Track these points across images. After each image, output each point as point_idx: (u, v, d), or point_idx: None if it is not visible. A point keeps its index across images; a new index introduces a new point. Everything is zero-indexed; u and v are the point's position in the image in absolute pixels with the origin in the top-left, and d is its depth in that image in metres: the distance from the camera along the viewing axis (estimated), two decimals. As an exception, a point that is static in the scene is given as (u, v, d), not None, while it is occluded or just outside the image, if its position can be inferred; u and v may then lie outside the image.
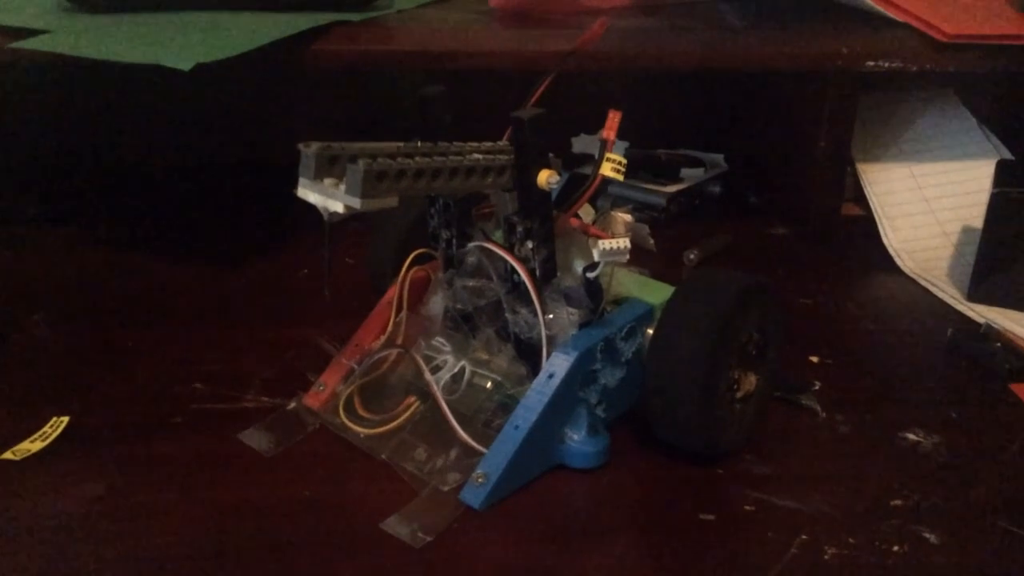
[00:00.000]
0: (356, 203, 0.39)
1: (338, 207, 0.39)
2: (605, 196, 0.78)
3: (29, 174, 0.87)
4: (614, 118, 0.48)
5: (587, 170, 0.48)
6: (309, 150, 0.40)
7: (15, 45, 0.63)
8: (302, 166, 0.40)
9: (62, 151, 0.89)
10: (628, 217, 0.53)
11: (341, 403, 0.50)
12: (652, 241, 0.55)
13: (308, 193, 0.40)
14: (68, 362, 0.57)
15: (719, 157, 0.86)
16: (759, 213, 0.83)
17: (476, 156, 0.44)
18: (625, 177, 0.49)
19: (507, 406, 0.48)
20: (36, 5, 0.72)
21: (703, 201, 0.83)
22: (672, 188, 0.81)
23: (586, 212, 0.51)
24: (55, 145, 0.89)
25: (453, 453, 0.47)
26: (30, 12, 0.70)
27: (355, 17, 0.71)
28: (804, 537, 0.44)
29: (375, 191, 0.39)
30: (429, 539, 0.43)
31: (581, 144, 0.85)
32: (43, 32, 0.64)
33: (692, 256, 0.72)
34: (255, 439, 0.50)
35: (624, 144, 0.79)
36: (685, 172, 0.83)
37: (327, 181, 0.40)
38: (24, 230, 0.77)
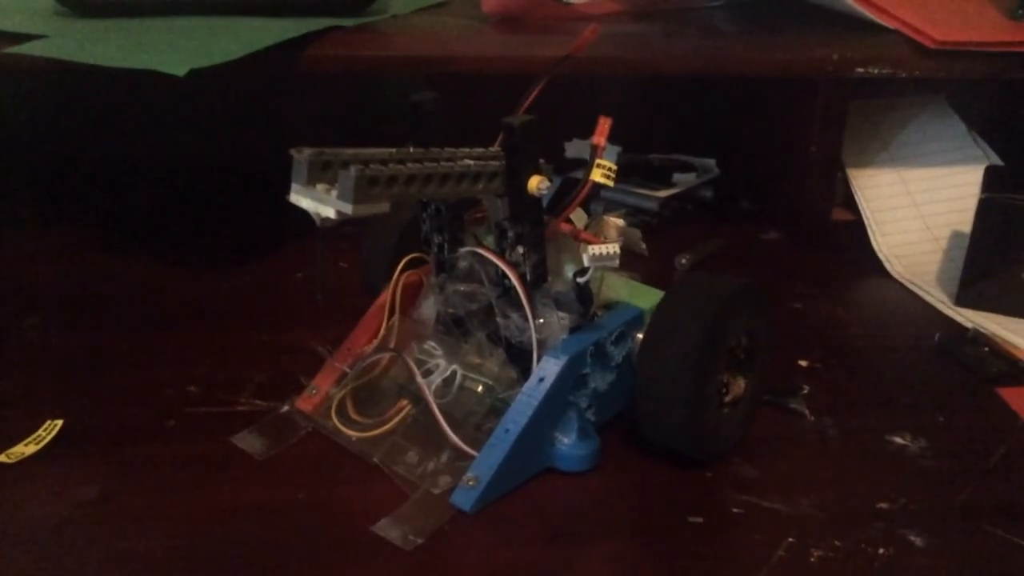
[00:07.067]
0: (348, 209, 0.39)
1: (330, 213, 0.40)
2: (598, 200, 0.79)
3: (23, 177, 0.87)
4: (604, 124, 0.49)
5: (580, 175, 0.49)
6: (302, 156, 0.40)
7: (10, 50, 0.63)
8: (295, 172, 0.40)
9: (56, 154, 0.89)
10: (620, 222, 0.53)
11: (333, 406, 0.50)
12: (644, 245, 0.56)
13: (300, 199, 0.41)
14: (62, 365, 0.57)
15: (711, 162, 0.87)
16: (751, 218, 0.83)
17: (468, 162, 0.45)
18: (617, 182, 0.50)
19: (498, 410, 0.48)
20: (31, 9, 0.72)
21: (695, 206, 0.84)
22: (664, 193, 0.81)
23: (578, 217, 0.52)
24: (49, 148, 0.89)
25: (444, 456, 0.48)
26: (25, 16, 0.70)
27: (349, 22, 0.71)
28: (791, 540, 0.44)
29: (367, 197, 0.40)
30: (420, 542, 0.43)
31: (574, 149, 0.85)
32: (38, 37, 0.64)
33: (684, 261, 0.73)
34: (248, 442, 0.50)
35: (616, 149, 0.79)
36: (677, 177, 0.83)
37: (319, 187, 0.40)
38: (18, 233, 0.77)
